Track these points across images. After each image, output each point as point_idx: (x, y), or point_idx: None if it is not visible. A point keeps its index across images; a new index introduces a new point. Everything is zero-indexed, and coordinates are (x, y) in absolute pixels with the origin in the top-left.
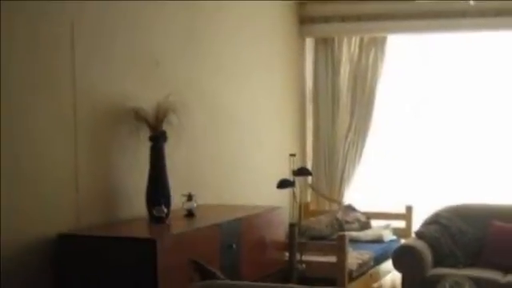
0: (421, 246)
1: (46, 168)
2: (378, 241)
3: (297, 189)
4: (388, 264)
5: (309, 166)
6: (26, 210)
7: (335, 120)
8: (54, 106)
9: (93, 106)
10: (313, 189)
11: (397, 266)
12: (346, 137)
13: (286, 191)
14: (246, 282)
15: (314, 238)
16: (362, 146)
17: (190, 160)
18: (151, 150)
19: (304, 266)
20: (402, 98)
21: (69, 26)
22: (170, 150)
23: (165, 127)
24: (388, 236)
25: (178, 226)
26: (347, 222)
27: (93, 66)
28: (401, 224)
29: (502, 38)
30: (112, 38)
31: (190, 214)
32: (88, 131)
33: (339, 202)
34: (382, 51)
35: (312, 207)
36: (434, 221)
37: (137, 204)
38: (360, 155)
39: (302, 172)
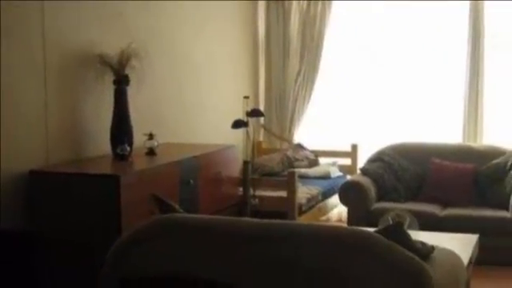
0: (365, 181)
1: (18, 110)
2: (326, 177)
3: (250, 129)
4: (335, 198)
5: (261, 107)
6: (0, 148)
7: (286, 65)
8: (25, 52)
9: (61, 53)
10: (265, 129)
11: (343, 200)
12: (296, 80)
13: (240, 131)
14: (202, 216)
15: (265, 175)
16: (311, 89)
17: (151, 102)
18: (115, 93)
19: (257, 200)
20: (348, 43)
21: None
22: (132, 92)
23: (127, 71)
24: (335, 172)
25: (140, 163)
26: (297, 160)
27: (61, 15)
28: (347, 161)
29: None
30: None
31: (151, 152)
32: (57, 75)
33: (289, 141)
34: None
35: (264, 146)
36: (378, 158)
37: (102, 143)
38: (309, 97)
39: (254, 113)
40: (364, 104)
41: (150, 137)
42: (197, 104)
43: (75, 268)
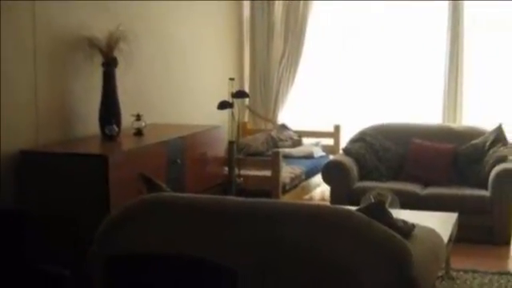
0: (348, 161)
1: (9, 92)
2: (309, 157)
3: (235, 109)
4: (318, 178)
5: (246, 88)
6: None
7: (270, 48)
8: (15, 36)
9: (51, 36)
10: (250, 110)
11: (326, 179)
12: (280, 62)
13: (226, 112)
14: (189, 194)
15: (250, 154)
16: (295, 71)
17: (139, 83)
18: (103, 75)
19: (242, 179)
20: (331, 27)
21: None
22: (120, 74)
23: (116, 54)
24: (318, 152)
25: (127, 143)
26: (281, 140)
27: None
28: (329, 141)
29: None
30: None
31: (138, 133)
32: (47, 58)
33: (274, 122)
34: None
35: (249, 126)
36: (360, 138)
37: (90, 123)
38: (293, 79)
39: (240, 94)
40: (346, 86)
41: (138, 118)
42: (183, 86)
43: (65, 245)
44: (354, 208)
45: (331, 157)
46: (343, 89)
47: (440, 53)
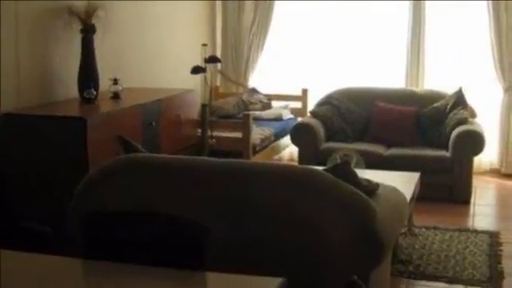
0: (315, 123)
1: None
2: (278, 119)
3: (208, 74)
4: (286, 139)
5: (218, 54)
6: None
7: (241, 15)
8: None
9: (32, 4)
10: (222, 74)
11: (294, 140)
12: (251, 30)
13: (199, 76)
14: (164, 155)
15: (222, 117)
16: (264, 38)
17: (116, 49)
18: (82, 41)
19: (214, 140)
20: None
21: None
22: (98, 41)
23: (94, 21)
24: (286, 115)
25: (105, 106)
26: (251, 103)
27: None
28: (297, 105)
29: None
30: None
31: (115, 96)
32: (28, 25)
33: (244, 86)
34: None
35: (221, 90)
36: (327, 102)
37: (70, 87)
38: (262, 45)
39: (212, 59)
40: (314, 52)
41: (115, 82)
42: (158, 51)
43: (45, 203)
44: (321, 168)
45: (299, 119)
46: (311, 54)
47: (403, 20)
